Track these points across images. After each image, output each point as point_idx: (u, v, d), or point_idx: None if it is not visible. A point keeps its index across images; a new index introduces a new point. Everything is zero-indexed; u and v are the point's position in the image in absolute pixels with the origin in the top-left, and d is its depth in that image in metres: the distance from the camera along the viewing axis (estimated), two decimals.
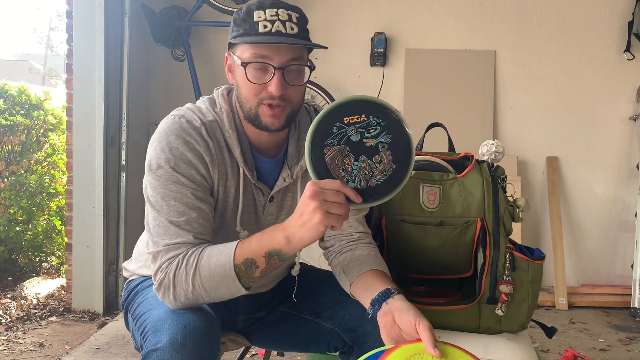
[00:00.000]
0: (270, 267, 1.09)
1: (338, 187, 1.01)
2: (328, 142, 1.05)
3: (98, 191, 3.02)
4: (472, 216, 1.39)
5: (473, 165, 1.44)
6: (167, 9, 3.43)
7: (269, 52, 1.12)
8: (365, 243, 1.30)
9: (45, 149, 3.86)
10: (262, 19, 1.11)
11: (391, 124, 1.06)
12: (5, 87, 3.68)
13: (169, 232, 1.12)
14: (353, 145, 1.06)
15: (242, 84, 1.16)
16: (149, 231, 1.15)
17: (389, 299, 1.10)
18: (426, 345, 0.96)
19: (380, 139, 1.06)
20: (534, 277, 1.38)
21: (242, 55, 1.14)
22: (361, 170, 1.06)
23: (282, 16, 1.12)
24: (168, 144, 1.14)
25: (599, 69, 3.61)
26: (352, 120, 1.06)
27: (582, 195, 3.65)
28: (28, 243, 3.66)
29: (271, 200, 1.27)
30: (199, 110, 1.21)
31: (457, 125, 3.49)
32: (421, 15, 3.65)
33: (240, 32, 1.14)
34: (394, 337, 1.06)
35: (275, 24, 1.11)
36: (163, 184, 1.13)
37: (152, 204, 1.14)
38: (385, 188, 1.06)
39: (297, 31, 1.13)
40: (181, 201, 1.13)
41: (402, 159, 1.06)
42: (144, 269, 1.37)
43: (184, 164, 1.14)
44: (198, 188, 1.15)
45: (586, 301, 3.46)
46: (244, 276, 1.08)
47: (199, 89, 3.42)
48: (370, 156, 1.06)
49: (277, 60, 1.12)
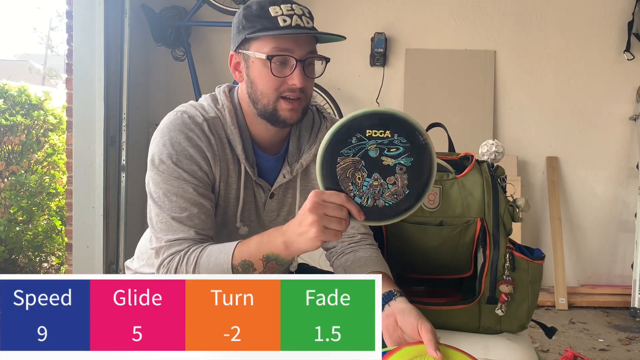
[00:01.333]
0: (268, 270, 1.08)
1: (342, 202, 0.97)
2: (343, 152, 0.99)
3: (98, 191, 3.01)
4: (472, 216, 1.39)
5: (473, 165, 1.43)
6: (167, 9, 3.43)
7: (290, 45, 1.13)
8: (367, 244, 1.30)
9: (45, 149, 3.86)
10: (279, 13, 1.13)
11: (415, 148, 0.99)
12: (5, 87, 3.69)
13: (171, 228, 1.13)
14: (369, 161, 0.99)
15: (261, 78, 1.16)
16: (152, 227, 1.16)
17: (391, 301, 1.10)
18: (428, 347, 0.97)
19: (399, 160, 0.99)
20: (534, 277, 1.38)
21: (262, 49, 1.14)
22: (371, 187, 1.00)
23: (297, 11, 1.14)
24: (170, 139, 1.15)
25: (599, 69, 3.61)
26: (375, 134, 0.98)
27: (582, 195, 3.65)
28: (28, 243, 3.67)
29: (271, 196, 1.27)
30: (201, 106, 1.22)
31: (457, 125, 3.49)
32: (421, 15, 3.65)
33: (258, 27, 1.14)
34: (397, 339, 1.06)
35: (294, 17, 1.13)
36: (165, 180, 1.14)
37: (155, 199, 1.15)
38: (392, 211, 1.00)
39: (311, 25, 1.16)
40: (183, 197, 1.14)
41: (417, 186, 1.00)
42: (146, 267, 1.37)
43: (186, 159, 1.15)
44: (200, 184, 1.16)
45: (586, 301, 3.46)
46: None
47: (199, 89, 3.42)
48: (385, 176, 1.00)
49: (298, 53, 1.13)
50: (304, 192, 1.30)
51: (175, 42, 3.48)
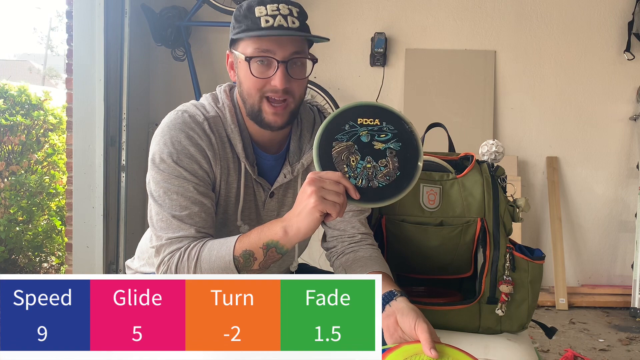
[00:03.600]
0: (269, 259, 1.09)
1: (337, 178, 1.03)
2: (338, 137, 1.07)
3: (98, 191, 3.01)
4: (472, 216, 1.39)
5: (473, 165, 1.43)
6: (167, 9, 3.43)
7: (272, 46, 1.13)
8: (367, 244, 1.31)
9: (45, 149, 3.86)
10: (263, 14, 1.13)
11: (403, 134, 1.09)
12: (5, 87, 3.69)
13: (171, 226, 1.13)
14: (361, 145, 1.08)
15: (245, 79, 1.17)
16: (152, 225, 1.16)
17: (392, 301, 1.10)
18: (423, 346, 0.97)
19: (389, 145, 1.08)
20: (534, 277, 1.38)
21: (245, 50, 1.15)
22: (365, 169, 1.07)
23: (283, 11, 1.13)
24: (171, 137, 1.16)
25: (599, 69, 3.61)
26: (366, 122, 1.08)
27: (582, 195, 3.65)
28: (28, 243, 3.67)
29: (271, 195, 1.28)
30: (202, 106, 1.23)
31: (457, 125, 3.49)
32: (421, 15, 3.65)
33: (242, 28, 1.15)
34: (397, 339, 1.06)
35: (277, 18, 1.12)
36: (165, 179, 1.14)
37: (155, 198, 1.15)
38: (386, 192, 1.07)
39: (298, 25, 1.14)
40: (183, 195, 1.14)
41: (407, 168, 1.08)
42: (147, 267, 1.37)
43: (187, 158, 1.15)
44: (200, 182, 1.16)
45: (586, 301, 3.46)
46: (243, 269, 1.09)
47: (199, 89, 3.42)
48: (377, 159, 1.07)
49: (280, 54, 1.13)
50: None
51: (175, 42, 3.48)
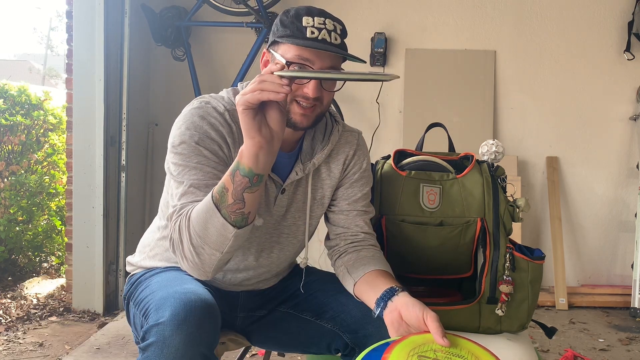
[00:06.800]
0: (238, 186, 1.05)
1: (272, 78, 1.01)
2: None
3: (98, 191, 3.02)
4: (472, 216, 1.39)
5: (473, 165, 1.44)
6: (167, 9, 3.43)
7: (312, 57, 1.16)
8: (369, 245, 1.32)
9: (45, 149, 3.86)
10: (310, 24, 1.16)
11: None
12: (5, 87, 3.68)
13: (186, 193, 1.14)
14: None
15: None
16: (171, 199, 1.16)
17: (393, 296, 1.12)
18: (435, 335, 0.98)
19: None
20: (534, 277, 1.38)
21: (286, 54, 1.17)
22: None
23: (328, 26, 1.17)
24: (193, 123, 1.18)
25: (599, 69, 3.61)
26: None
27: (582, 195, 3.65)
28: (28, 243, 3.67)
29: (283, 192, 1.30)
30: (222, 98, 1.25)
31: (457, 125, 3.49)
32: (421, 15, 3.65)
33: (288, 33, 1.17)
34: (402, 334, 1.07)
35: (322, 32, 1.16)
36: (185, 158, 1.15)
37: (174, 176, 1.16)
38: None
39: (339, 42, 1.19)
40: (202, 170, 1.15)
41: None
42: (147, 261, 1.38)
43: (208, 139, 1.17)
44: (220, 162, 1.18)
45: (586, 301, 3.46)
46: (221, 206, 1.06)
47: (199, 89, 3.41)
48: None
49: (317, 65, 1.16)
50: (315, 191, 1.34)
51: (175, 42, 3.48)
